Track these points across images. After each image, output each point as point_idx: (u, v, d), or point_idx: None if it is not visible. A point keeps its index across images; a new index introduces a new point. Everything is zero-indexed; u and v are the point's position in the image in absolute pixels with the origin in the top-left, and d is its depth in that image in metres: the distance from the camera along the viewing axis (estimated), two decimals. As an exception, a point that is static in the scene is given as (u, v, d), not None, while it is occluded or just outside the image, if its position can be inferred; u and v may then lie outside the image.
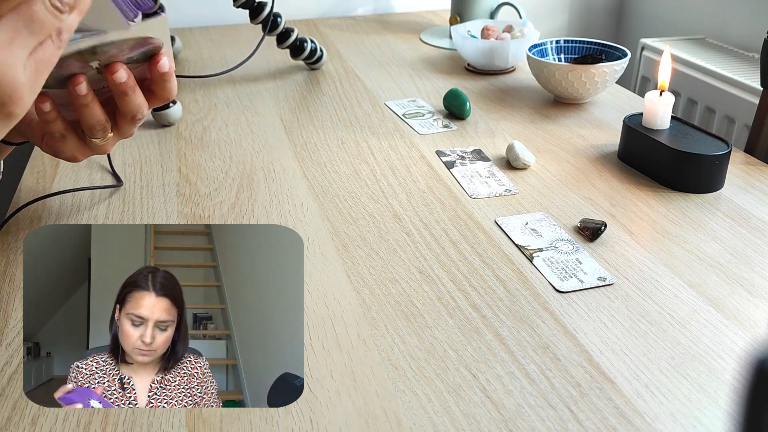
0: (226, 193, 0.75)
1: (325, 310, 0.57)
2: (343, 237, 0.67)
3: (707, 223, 0.68)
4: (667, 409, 0.47)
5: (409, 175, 0.78)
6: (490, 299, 0.58)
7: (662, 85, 0.78)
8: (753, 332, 0.54)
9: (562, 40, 1.01)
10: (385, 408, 0.47)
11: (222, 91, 1.04)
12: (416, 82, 1.08)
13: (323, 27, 1.39)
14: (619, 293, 0.58)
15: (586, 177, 0.78)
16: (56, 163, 0.82)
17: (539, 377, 0.50)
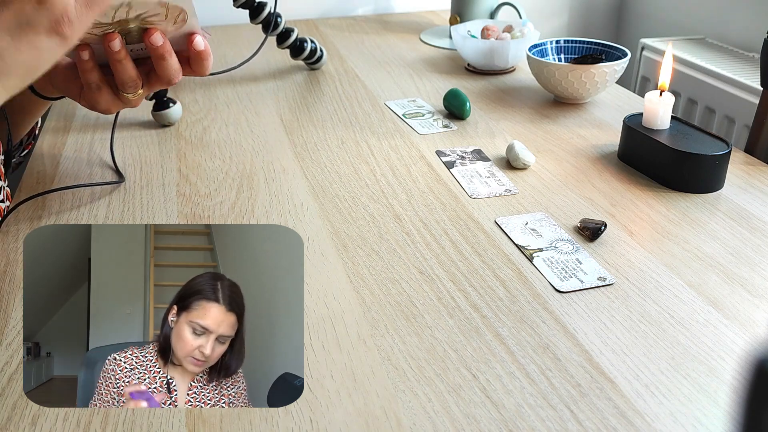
0: (226, 193, 0.75)
1: (325, 310, 0.57)
2: (343, 237, 0.67)
3: (707, 223, 0.68)
4: (667, 409, 0.47)
5: (409, 175, 0.78)
6: (490, 299, 0.58)
7: (662, 86, 0.78)
8: (753, 332, 0.54)
9: (562, 40, 1.01)
10: (385, 408, 0.47)
11: (222, 91, 1.04)
12: (416, 82, 1.08)
13: (323, 27, 1.39)
14: (619, 293, 0.58)
15: (586, 177, 0.78)
16: (56, 162, 0.82)
17: (539, 377, 0.50)
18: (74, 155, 0.84)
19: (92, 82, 0.63)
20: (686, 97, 1.39)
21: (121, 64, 0.62)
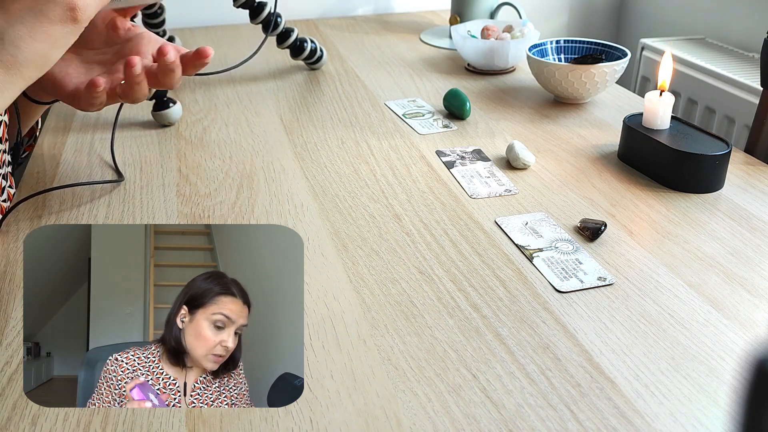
0: (226, 193, 0.75)
1: (325, 310, 0.57)
2: (343, 237, 0.67)
3: (707, 223, 0.68)
4: (667, 409, 0.47)
5: (409, 175, 0.78)
6: (490, 299, 0.58)
7: (662, 85, 0.78)
8: (753, 332, 0.54)
9: (562, 40, 1.01)
10: (385, 408, 0.47)
11: (222, 91, 1.04)
12: (416, 82, 1.08)
13: (323, 27, 1.39)
14: (619, 293, 0.58)
15: (586, 177, 0.78)
16: (56, 162, 0.82)
17: (539, 377, 0.50)
18: (74, 155, 0.84)
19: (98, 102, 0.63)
20: (686, 97, 1.39)
21: (139, 86, 0.62)
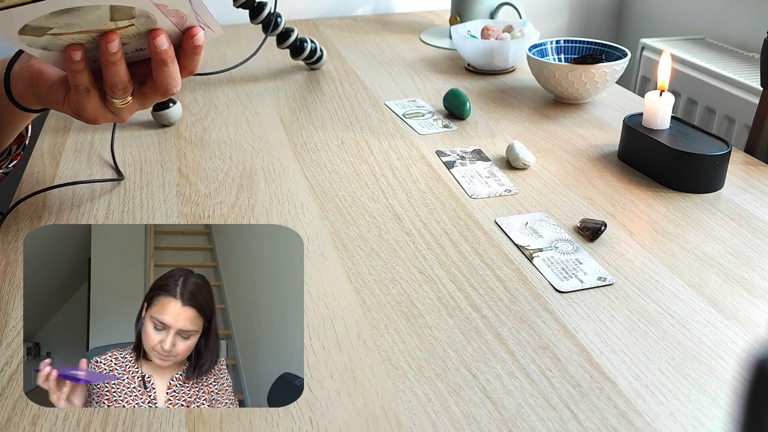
0: (226, 193, 0.75)
1: (325, 310, 0.57)
2: (343, 237, 0.67)
3: (707, 223, 0.68)
4: (667, 409, 0.47)
5: (409, 175, 0.78)
6: (490, 299, 0.58)
7: (662, 85, 0.78)
8: (753, 332, 0.54)
9: (562, 40, 1.01)
10: (385, 408, 0.47)
11: (222, 91, 1.04)
12: (416, 82, 1.08)
13: (323, 27, 1.39)
14: (619, 293, 0.58)
15: (586, 177, 0.78)
16: (56, 162, 0.82)
17: (539, 377, 0.50)
18: (74, 155, 0.84)
19: (81, 84, 0.59)
20: (686, 97, 1.39)
21: (115, 66, 0.58)
